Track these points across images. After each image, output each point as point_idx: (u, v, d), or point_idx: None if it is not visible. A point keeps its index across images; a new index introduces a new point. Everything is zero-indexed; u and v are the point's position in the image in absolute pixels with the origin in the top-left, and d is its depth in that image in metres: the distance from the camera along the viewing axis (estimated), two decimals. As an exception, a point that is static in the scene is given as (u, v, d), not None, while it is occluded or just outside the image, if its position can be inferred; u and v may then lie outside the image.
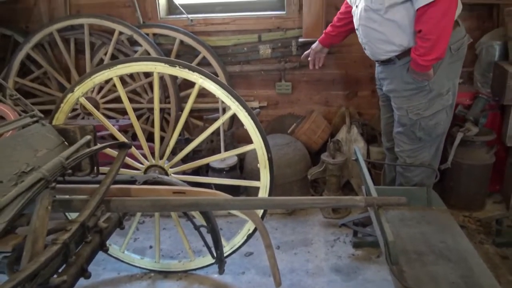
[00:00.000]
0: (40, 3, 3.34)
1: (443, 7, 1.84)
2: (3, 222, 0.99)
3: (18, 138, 1.36)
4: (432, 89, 2.11)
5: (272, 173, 2.04)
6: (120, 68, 1.96)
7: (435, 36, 1.88)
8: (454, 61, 2.12)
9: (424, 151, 2.28)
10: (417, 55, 1.95)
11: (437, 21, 1.86)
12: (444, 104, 2.17)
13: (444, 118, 2.22)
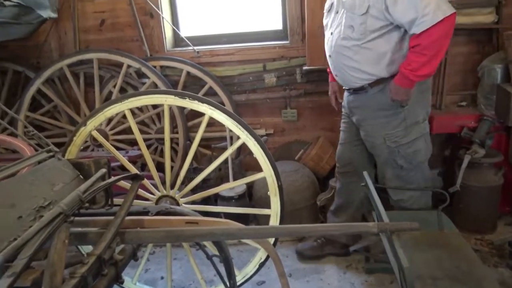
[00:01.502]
0: (50, 39, 3.45)
1: (445, 27, 1.86)
2: (25, 257, 1.01)
3: (36, 173, 1.39)
4: (407, 117, 2.14)
5: (282, 200, 2.05)
6: (132, 101, 2.01)
7: (433, 52, 1.89)
8: (424, 90, 2.16)
9: (410, 177, 2.29)
10: (409, 70, 1.95)
11: (437, 38, 1.86)
12: (422, 132, 2.20)
13: (424, 146, 2.24)
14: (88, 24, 3.39)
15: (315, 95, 3.28)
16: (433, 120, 2.82)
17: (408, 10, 1.87)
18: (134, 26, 3.31)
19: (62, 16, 3.30)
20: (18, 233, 1.18)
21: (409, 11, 1.87)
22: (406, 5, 1.88)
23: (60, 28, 3.42)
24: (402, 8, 1.89)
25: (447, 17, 1.83)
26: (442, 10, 1.83)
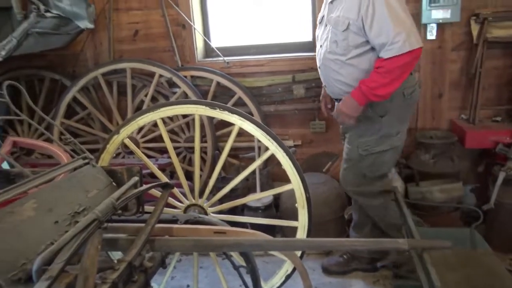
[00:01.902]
0: (86, 49, 3.56)
1: (410, 58, 1.96)
2: (61, 261, 1.04)
3: (72, 179, 1.44)
4: (382, 128, 2.21)
5: (310, 213, 2.04)
6: (164, 111, 2.05)
7: (393, 77, 1.98)
8: (406, 105, 2.23)
9: (367, 188, 2.33)
10: (368, 87, 2.02)
11: (401, 66, 1.96)
12: (393, 145, 2.25)
13: (391, 159, 2.32)
14: (123, 35, 3.49)
15: (344, 107, 3.25)
16: (466, 135, 2.76)
17: (381, 34, 1.97)
18: (166, 37, 3.39)
19: (98, 27, 3.41)
20: (54, 237, 1.22)
21: (381, 36, 1.97)
22: (380, 30, 1.97)
23: (96, 38, 3.53)
24: (376, 31, 1.98)
25: (414, 50, 1.93)
26: (411, 42, 1.92)
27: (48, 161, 2.87)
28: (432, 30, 2.97)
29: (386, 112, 2.19)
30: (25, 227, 1.16)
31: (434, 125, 3.19)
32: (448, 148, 2.88)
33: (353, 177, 2.38)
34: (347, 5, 2.06)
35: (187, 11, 3.30)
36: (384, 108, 2.18)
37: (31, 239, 1.15)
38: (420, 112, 3.19)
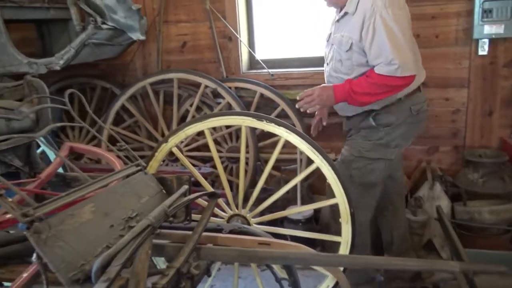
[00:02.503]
0: (136, 59, 3.71)
1: (400, 83, 1.98)
2: (118, 264, 1.08)
3: (126, 185, 1.49)
4: (383, 138, 2.19)
5: (354, 229, 2.01)
6: (211, 121, 2.09)
7: (378, 91, 1.99)
8: (413, 122, 2.22)
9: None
10: (352, 89, 2.01)
11: (388, 85, 1.97)
12: (386, 156, 2.23)
13: (381, 169, 2.26)
14: (171, 46, 3.61)
15: (389, 122, 3.20)
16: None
17: (379, 56, 1.99)
18: (213, 48, 3.47)
19: (148, 38, 3.54)
20: (110, 240, 1.27)
21: (380, 57, 1.99)
22: (379, 52, 1.99)
23: (145, 49, 3.67)
24: (375, 53, 2.01)
25: (405, 77, 1.96)
26: (404, 70, 1.94)
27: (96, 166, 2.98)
28: (483, 45, 2.89)
29: (390, 124, 2.19)
30: (84, 230, 1.21)
31: (483, 143, 3.08)
32: (498, 167, 2.77)
33: (357, 191, 2.28)
34: (351, 25, 2.07)
35: (234, 23, 3.37)
36: (388, 121, 2.19)
37: (89, 241, 1.21)
38: (468, 129, 3.09)
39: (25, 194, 1.14)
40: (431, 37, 3.00)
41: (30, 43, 3.54)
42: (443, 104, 3.08)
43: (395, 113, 2.16)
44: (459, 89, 3.05)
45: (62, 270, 1.07)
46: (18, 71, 2.74)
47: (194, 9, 3.44)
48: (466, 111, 3.08)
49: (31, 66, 2.68)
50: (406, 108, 2.16)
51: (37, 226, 1.07)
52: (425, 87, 3.02)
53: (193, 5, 3.44)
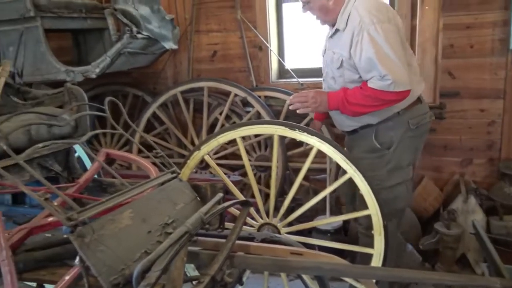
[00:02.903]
0: (167, 68, 3.78)
1: (393, 97, 1.93)
2: (158, 270, 1.09)
3: (162, 192, 1.51)
4: (391, 160, 2.11)
5: (387, 241, 1.98)
6: (244, 130, 2.10)
7: (371, 103, 1.95)
8: (414, 136, 2.13)
9: None
10: (346, 99, 1.98)
11: (382, 99, 1.93)
12: (404, 178, 2.15)
13: (404, 192, 2.18)
14: (201, 55, 3.66)
15: (421, 133, 3.15)
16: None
17: (370, 71, 1.95)
18: (243, 57, 3.50)
19: (179, 47, 3.60)
20: (148, 246, 1.29)
21: (371, 72, 1.95)
22: (369, 68, 1.95)
23: (177, 58, 3.73)
24: (365, 68, 1.97)
25: (402, 92, 1.92)
26: (397, 85, 1.89)
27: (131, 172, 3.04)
28: (521, 55, 2.82)
29: (391, 143, 2.11)
30: (123, 235, 1.24)
31: (519, 156, 2.99)
32: (536, 181, 2.69)
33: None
34: (342, 42, 2.04)
35: (264, 33, 3.39)
36: (389, 139, 2.11)
37: (128, 246, 1.23)
38: (504, 141, 3.01)
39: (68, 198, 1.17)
40: (465, 47, 2.95)
41: (66, 52, 3.66)
42: (478, 115, 3.01)
43: (393, 129, 2.10)
44: (495, 100, 2.98)
45: (104, 274, 1.09)
46: (56, 78, 2.84)
47: (225, 19, 3.48)
48: (501, 122, 2.99)
49: (69, 74, 2.77)
50: (404, 122, 2.09)
51: (80, 230, 1.09)
52: (460, 98, 2.99)
53: (224, 15, 3.49)
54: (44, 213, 1.54)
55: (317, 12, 2.10)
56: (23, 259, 1.38)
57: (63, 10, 2.84)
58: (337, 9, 2.03)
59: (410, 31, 3.01)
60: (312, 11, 2.11)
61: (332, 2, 2.02)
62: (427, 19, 2.78)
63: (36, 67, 2.79)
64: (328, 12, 2.06)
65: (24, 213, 2.04)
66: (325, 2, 2.03)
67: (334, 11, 2.04)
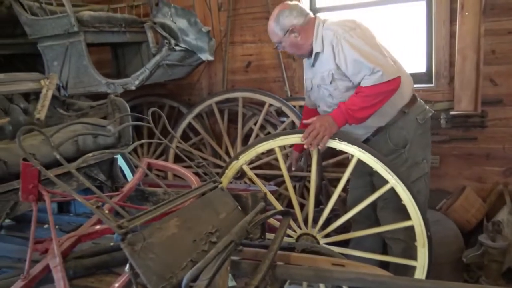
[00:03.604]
0: (202, 79, 3.84)
1: (390, 86, 1.97)
2: (206, 279, 1.10)
3: (205, 200, 1.53)
4: (409, 158, 2.17)
5: (431, 253, 1.93)
6: (282, 140, 2.10)
7: (373, 102, 1.98)
8: (423, 132, 2.21)
9: None
10: (348, 109, 2.00)
11: (381, 92, 1.96)
12: (422, 172, 2.21)
13: (424, 187, 2.23)
14: (236, 66, 3.70)
15: (462, 142, 3.07)
16: None
17: (359, 72, 2.00)
18: (277, 68, 3.52)
19: (214, 58, 3.64)
20: (193, 254, 1.30)
21: (360, 73, 2.00)
22: (357, 69, 2.01)
23: (212, 69, 3.79)
24: (353, 71, 2.02)
25: (391, 80, 1.96)
26: (388, 74, 1.95)
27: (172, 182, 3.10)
28: None
29: (406, 142, 2.17)
30: (170, 243, 1.25)
31: None
32: None
33: (394, 215, 2.18)
34: (325, 59, 2.13)
35: (298, 43, 3.39)
36: (403, 138, 2.17)
37: (175, 254, 1.24)
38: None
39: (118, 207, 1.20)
40: (508, 52, 2.86)
41: (105, 65, 3.78)
42: (521, 122, 2.91)
43: (404, 128, 2.17)
44: (539, 107, 2.87)
45: (153, 282, 1.11)
46: (97, 91, 2.94)
47: (259, 30, 3.51)
48: (547, 130, 2.88)
49: (109, 86, 2.85)
50: (413, 119, 2.17)
51: (131, 237, 1.12)
52: (503, 105, 2.90)
53: (259, 27, 3.52)
54: (91, 221, 1.58)
55: (290, 49, 2.24)
56: (73, 266, 1.42)
57: (104, 24, 2.94)
58: (308, 42, 2.16)
59: (449, 37, 2.95)
60: (286, 49, 2.26)
61: (300, 38, 2.16)
62: (467, 25, 2.71)
63: (78, 79, 2.90)
64: (300, 47, 2.20)
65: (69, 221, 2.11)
66: (294, 39, 2.16)
67: (305, 45, 2.17)
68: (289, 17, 2.12)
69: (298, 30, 2.13)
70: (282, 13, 2.14)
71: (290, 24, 2.12)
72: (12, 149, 1.67)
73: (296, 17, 2.12)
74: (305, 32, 2.14)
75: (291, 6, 2.16)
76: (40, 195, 1.43)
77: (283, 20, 2.13)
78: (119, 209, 1.19)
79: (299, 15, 2.13)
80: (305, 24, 2.13)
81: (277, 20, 2.15)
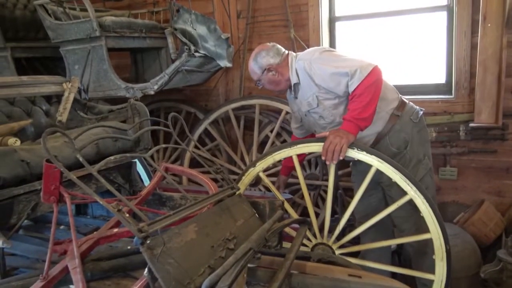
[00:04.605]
0: (219, 85, 3.86)
1: (374, 76, 2.04)
2: (224, 286, 1.10)
3: (223, 206, 1.53)
4: (412, 157, 2.26)
5: (449, 266, 1.89)
6: (300, 148, 2.10)
7: (369, 97, 2.03)
8: (420, 130, 2.31)
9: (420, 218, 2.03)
10: (353, 116, 2.04)
11: (370, 85, 2.03)
12: (426, 168, 2.30)
13: (430, 182, 2.34)
14: (253, 73, 3.70)
15: (481, 154, 3.02)
16: None
17: (340, 83, 2.10)
18: (294, 76, 3.51)
19: (232, 65, 3.66)
20: (211, 261, 1.30)
21: (341, 83, 2.10)
22: (336, 81, 2.11)
23: (229, 76, 3.81)
24: (334, 83, 2.13)
25: (372, 71, 2.03)
26: (365, 67, 2.04)
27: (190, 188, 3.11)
28: None
29: (407, 143, 2.25)
30: (188, 249, 1.25)
31: None
32: None
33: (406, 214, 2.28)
34: (306, 86, 2.24)
35: (317, 51, 3.39)
36: (403, 140, 2.25)
37: (193, 260, 1.24)
38: None
39: (139, 211, 1.21)
40: (527, 66, 2.81)
41: (124, 69, 3.83)
42: (544, 136, 2.86)
43: (402, 130, 2.25)
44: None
45: (171, 287, 1.11)
46: (117, 95, 2.97)
47: (278, 37, 3.51)
48: None
49: (128, 91, 2.89)
50: (408, 120, 2.26)
51: (151, 241, 1.12)
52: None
53: (278, 34, 3.53)
54: (110, 224, 1.59)
55: (269, 85, 2.36)
56: (91, 268, 1.43)
57: (125, 30, 2.99)
58: (284, 78, 2.29)
59: (470, 48, 2.91)
60: (266, 86, 2.38)
61: (277, 75, 2.29)
62: (489, 36, 2.68)
63: (99, 83, 2.94)
64: (278, 83, 2.33)
65: (86, 224, 2.12)
66: (271, 77, 2.30)
67: (282, 80, 2.30)
68: (266, 57, 2.27)
69: (274, 69, 2.27)
70: (260, 54, 2.29)
71: (267, 64, 2.27)
72: (35, 150, 1.69)
73: (272, 57, 2.27)
74: (281, 69, 2.28)
75: (268, 47, 2.31)
76: (61, 196, 1.45)
77: (260, 60, 2.28)
78: (139, 213, 1.20)
79: (276, 55, 2.28)
80: (281, 62, 2.28)
81: (255, 59, 2.30)
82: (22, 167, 1.67)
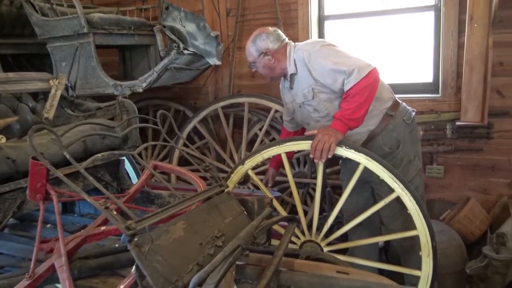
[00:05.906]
0: (208, 83, 3.85)
1: (371, 79, 2.02)
2: (212, 283, 1.09)
3: (211, 204, 1.53)
4: (404, 157, 2.27)
5: (435, 263, 1.92)
6: (289, 145, 2.10)
7: (362, 99, 2.02)
8: (411, 130, 2.32)
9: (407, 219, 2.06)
10: (344, 115, 2.04)
11: (364, 87, 2.02)
12: (416, 169, 2.32)
13: (420, 182, 2.35)
14: (242, 71, 3.71)
15: (467, 152, 3.07)
16: None
17: (337, 80, 2.09)
18: (284, 74, 3.52)
19: (221, 63, 3.66)
20: (199, 258, 1.30)
21: (337, 80, 2.09)
22: (333, 77, 2.10)
23: (218, 74, 3.80)
24: (331, 80, 2.12)
25: (369, 73, 2.02)
26: (363, 68, 2.02)
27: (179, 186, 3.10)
28: None
29: (398, 143, 2.26)
30: (177, 246, 1.25)
31: None
32: None
33: (392, 214, 2.30)
34: (302, 78, 2.22)
35: (306, 50, 3.40)
36: (395, 140, 2.26)
37: (181, 257, 1.24)
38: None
39: (127, 208, 1.20)
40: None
41: (112, 66, 3.80)
42: (528, 134, 2.91)
43: (395, 130, 2.25)
44: (546, 120, 2.86)
45: (159, 284, 1.11)
46: (105, 92, 2.95)
47: (267, 36, 3.51)
48: (553, 143, 2.87)
49: (117, 88, 2.86)
50: (400, 120, 2.26)
51: (139, 239, 1.11)
52: (509, 117, 2.89)
53: (267, 32, 3.52)
54: (97, 222, 1.58)
55: (263, 70, 2.33)
56: (78, 266, 1.42)
57: (113, 27, 2.96)
58: (280, 65, 2.27)
59: (457, 48, 2.95)
60: (260, 70, 2.35)
61: (273, 61, 2.26)
62: (476, 36, 2.71)
63: (86, 80, 2.91)
64: (273, 69, 2.30)
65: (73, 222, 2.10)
66: (267, 62, 2.27)
67: (277, 67, 2.28)
68: (265, 40, 2.25)
69: (272, 54, 2.25)
70: (260, 36, 2.26)
71: (265, 47, 2.24)
72: (20, 148, 1.67)
73: (272, 41, 2.25)
74: (278, 55, 2.26)
75: (269, 31, 2.28)
76: (47, 194, 1.43)
77: (260, 42, 2.25)
78: (127, 211, 1.19)
79: (276, 40, 2.25)
80: (280, 48, 2.25)
81: (254, 41, 2.27)
82: (8, 165, 1.65)
